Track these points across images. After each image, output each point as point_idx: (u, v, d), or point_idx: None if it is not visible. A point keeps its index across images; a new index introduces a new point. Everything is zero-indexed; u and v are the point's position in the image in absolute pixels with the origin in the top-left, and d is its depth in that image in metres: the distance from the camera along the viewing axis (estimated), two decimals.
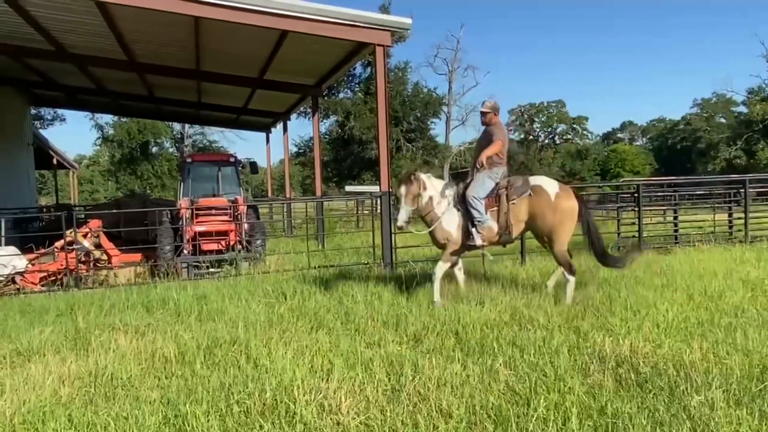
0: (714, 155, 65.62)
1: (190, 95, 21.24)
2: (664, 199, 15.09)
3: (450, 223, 7.03)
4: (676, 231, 12.64)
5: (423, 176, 7.11)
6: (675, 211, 13.39)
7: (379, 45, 10.45)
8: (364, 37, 10.52)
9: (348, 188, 41.27)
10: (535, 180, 7.15)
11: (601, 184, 46.64)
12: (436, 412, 3.86)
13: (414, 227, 7.42)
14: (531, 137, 79.06)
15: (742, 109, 65.62)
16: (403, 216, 6.83)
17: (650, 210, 16.49)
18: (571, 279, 6.89)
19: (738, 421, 3.50)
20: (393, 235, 10.73)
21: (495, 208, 6.96)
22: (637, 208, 11.90)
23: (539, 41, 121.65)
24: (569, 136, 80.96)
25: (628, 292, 6.80)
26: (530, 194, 6.94)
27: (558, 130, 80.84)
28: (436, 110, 46.11)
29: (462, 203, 7.00)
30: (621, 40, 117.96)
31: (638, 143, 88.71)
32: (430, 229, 7.10)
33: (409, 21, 10.62)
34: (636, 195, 12.10)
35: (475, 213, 6.85)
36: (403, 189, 6.87)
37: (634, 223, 12.10)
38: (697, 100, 73.79)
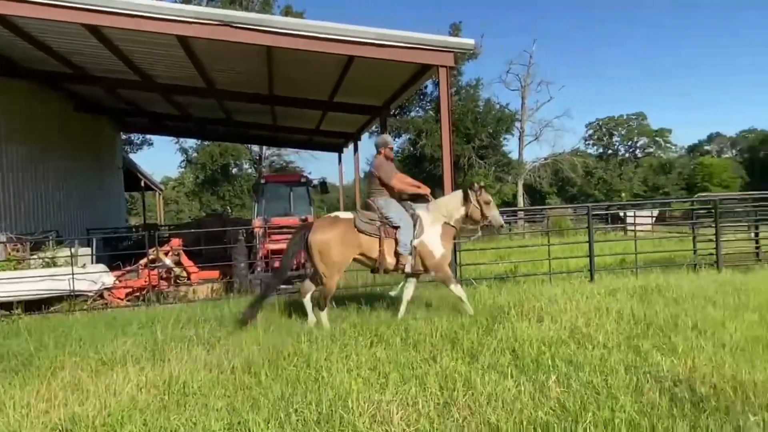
0: None
1: (266, 119, 22.15)
2: (747, 215, 14.34)
3: None
4: (757, 248, 12.02)
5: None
6: (756, 227, 12.72)
7: (441, 66, 10.60)
8: (427, 59, 10.67)
9: None
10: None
11: (669, 200, 44.62)
12: (484, 425, 3.94)
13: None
14: (610, 151, 76.98)
15: None
16: None
17: (732, 227, 15.73)
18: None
19: None
20: (458, 253, 10.81)
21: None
22: (714, 225, 11.44)
23: (615, 52, 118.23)
24: (651, 150, 78.15)
25: (696, 312, 6.60)
26: None
27: (639, 144, 78.27)
28: (509, 126, 45.70)
29: None
30: (703, 50, 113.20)
31: (727, 156, 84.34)
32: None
33: (471, 42, 10.74)
34: (713, 211, 11.63)
35: None
36: None
37: (711, 241, 11.63)
38: None
